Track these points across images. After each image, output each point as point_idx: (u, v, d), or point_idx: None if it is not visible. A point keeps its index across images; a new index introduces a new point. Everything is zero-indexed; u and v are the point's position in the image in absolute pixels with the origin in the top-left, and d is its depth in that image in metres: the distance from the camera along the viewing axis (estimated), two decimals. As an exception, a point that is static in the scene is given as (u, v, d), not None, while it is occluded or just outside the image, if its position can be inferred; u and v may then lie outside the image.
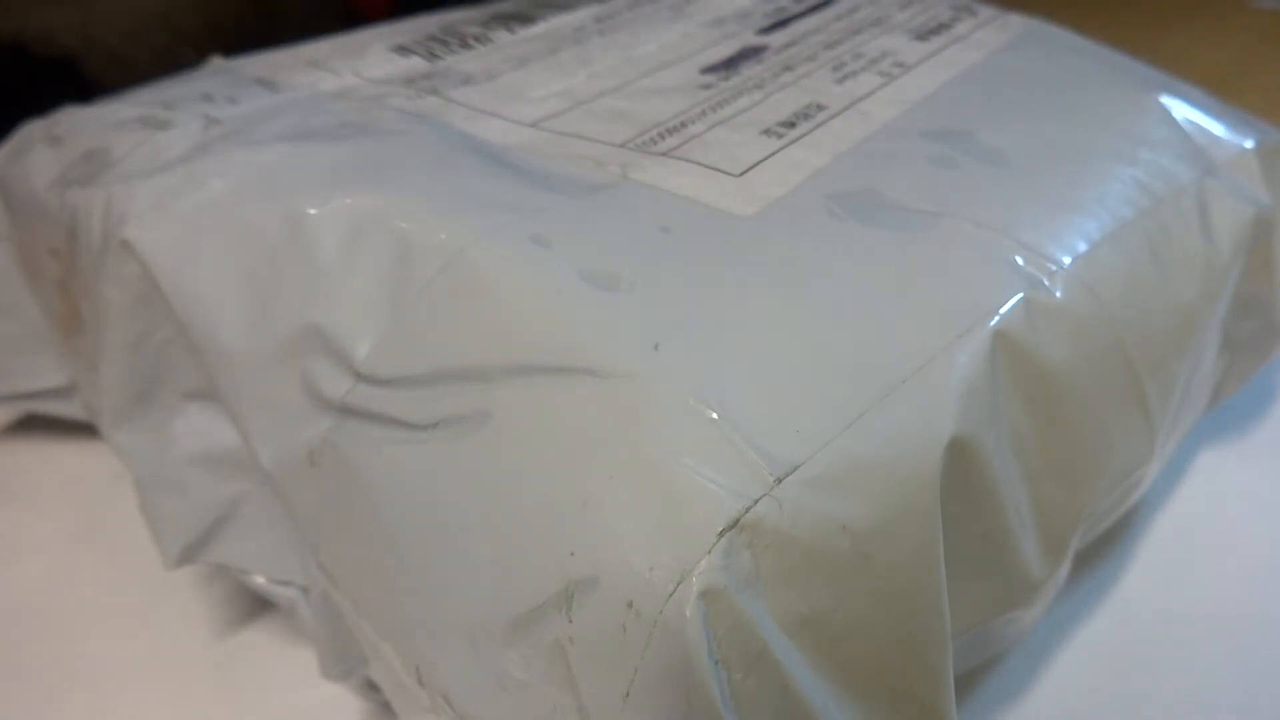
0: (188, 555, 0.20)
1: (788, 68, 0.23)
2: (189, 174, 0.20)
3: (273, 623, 0.23)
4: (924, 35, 0.24)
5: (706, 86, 0.22)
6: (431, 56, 0.25)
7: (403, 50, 0.25)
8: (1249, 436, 0.26)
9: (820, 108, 0.21)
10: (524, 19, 0.26)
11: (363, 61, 0.24)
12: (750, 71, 0.22)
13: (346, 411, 0.16)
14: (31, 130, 0.24)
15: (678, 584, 0.12)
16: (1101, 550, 0.23)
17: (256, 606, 0.23)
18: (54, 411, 0.26)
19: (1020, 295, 0.17)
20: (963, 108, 0.21)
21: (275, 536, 0.20)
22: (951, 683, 0.15)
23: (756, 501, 0.13)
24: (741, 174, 0.18)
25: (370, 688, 0.19)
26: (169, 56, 0.27)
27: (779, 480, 0.13)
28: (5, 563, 0.24)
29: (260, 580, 0.21)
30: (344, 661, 0.19)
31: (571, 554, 0.13)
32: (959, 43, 0.24)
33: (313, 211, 0.18)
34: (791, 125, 0.20)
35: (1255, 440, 0.26)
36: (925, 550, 0.14)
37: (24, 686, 0.22)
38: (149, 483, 0.21)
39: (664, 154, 0.19)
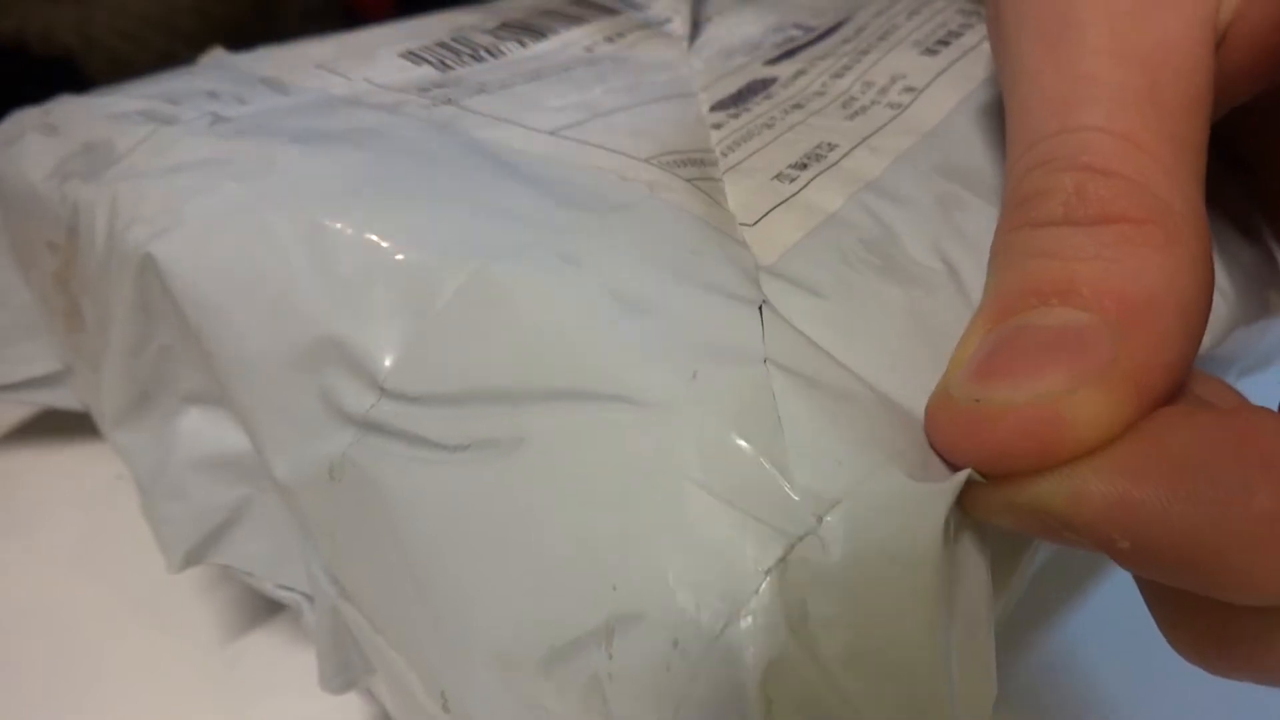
0: (192, 559, 0.20)
1: (797, 105, 0.22)
2: (201, 177, 0.19)
3: (278, 628, 0.22)
4: (933, 48, 0.24)
5: (718, 126, 0.22)
6: (443, 66, 0.24)
7: (413, 57, 0.25)
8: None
9: (831, 146, 0.20)
10: (535, 32, 0.26)
11: (372, 67, 0.24)
12: (760, 109, 0.22)
13: (370, 427, 0.16)
14: (24, 118, 0.23)
15: (725, 625, 0.12)
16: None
17: (261, 611, 0.23)
18: (48, 402, 0.25)
19: None
20: (973, 136, 0.21)
21: (280, 542, 0.20)
22: (993, 698, 0.15)
23: (802, 539, 0.13)
24: (755, 223, 0.18)
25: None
26: (168, 56, 0.27)
27: (820, 518, 0.13)
28: (8, 567, 0.24)
29: (266, 584, 0.21)
30: (345, 673, 0.19)
31: (614, 588, 0.13)
32: (968, 55, 0.24)
33: (331, 222, 0.17)
34: (803, 167, 0.20)
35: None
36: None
37: (27, 691, 0.21)
38: (151, 486, 0.20)
39: (688, 180, 0.19)
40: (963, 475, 0.13)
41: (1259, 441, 0.12)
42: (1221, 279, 0.20)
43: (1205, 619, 0.13)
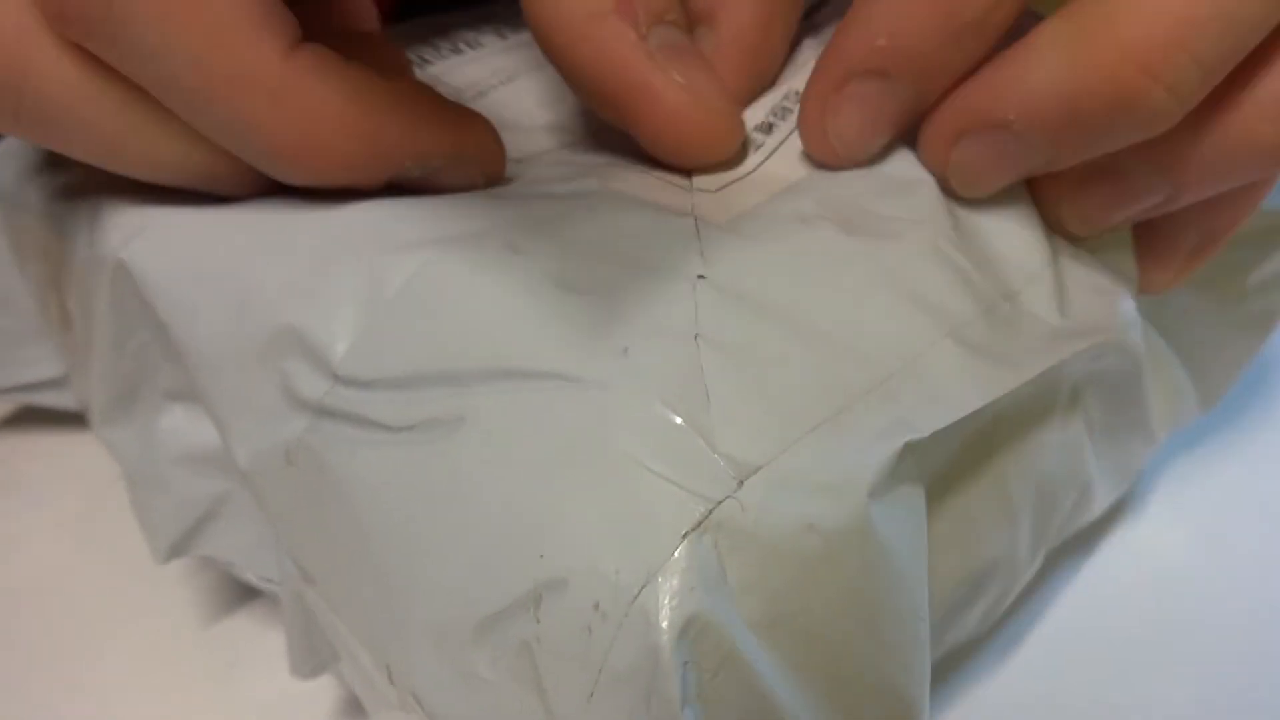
0: (176, 550, 0.21)
1: None
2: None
3: (260, 610, 0.23)
4: None
5: None
6: (422, 61, 0.25)
7: (394, 55, 0.25)
8: (1247, 434, 0.27)
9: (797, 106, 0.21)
10: (515, 25, 0.27)
11: (353, 66, 0.25)
12: None
13: (323, 412, 0.16)
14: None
15: (643, 586, 0.13)
16: (1085, 543, 0.24)
17: (245, 594, 0.23)
18: (52, 403, 0.26)
19: (983, 309, 0.17)
20: None
21: (260, 533, 0.20)
22: (928, 676, 0.15)
23: (719, 503, 0.13)
24: (718, 190, 0.18)
25: (347, 674, 0.20)
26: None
27: (740, 482, 0.13)
28: (7, 548, 0.25)
29: (248, 574, 0.21)
30: (314, 658, 0.19)
31: (541, 556, 0.13)
32: None
33: (290, 217, 0.18)
34: (769, 130, 0.20)
35: (1254, 439, 0.27)
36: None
37: (20, 664, 0.22)
38: (137, 479, 0.21)
39: (642, 168, 0.19)
40: (891, 454, 0.13)
41: None
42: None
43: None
